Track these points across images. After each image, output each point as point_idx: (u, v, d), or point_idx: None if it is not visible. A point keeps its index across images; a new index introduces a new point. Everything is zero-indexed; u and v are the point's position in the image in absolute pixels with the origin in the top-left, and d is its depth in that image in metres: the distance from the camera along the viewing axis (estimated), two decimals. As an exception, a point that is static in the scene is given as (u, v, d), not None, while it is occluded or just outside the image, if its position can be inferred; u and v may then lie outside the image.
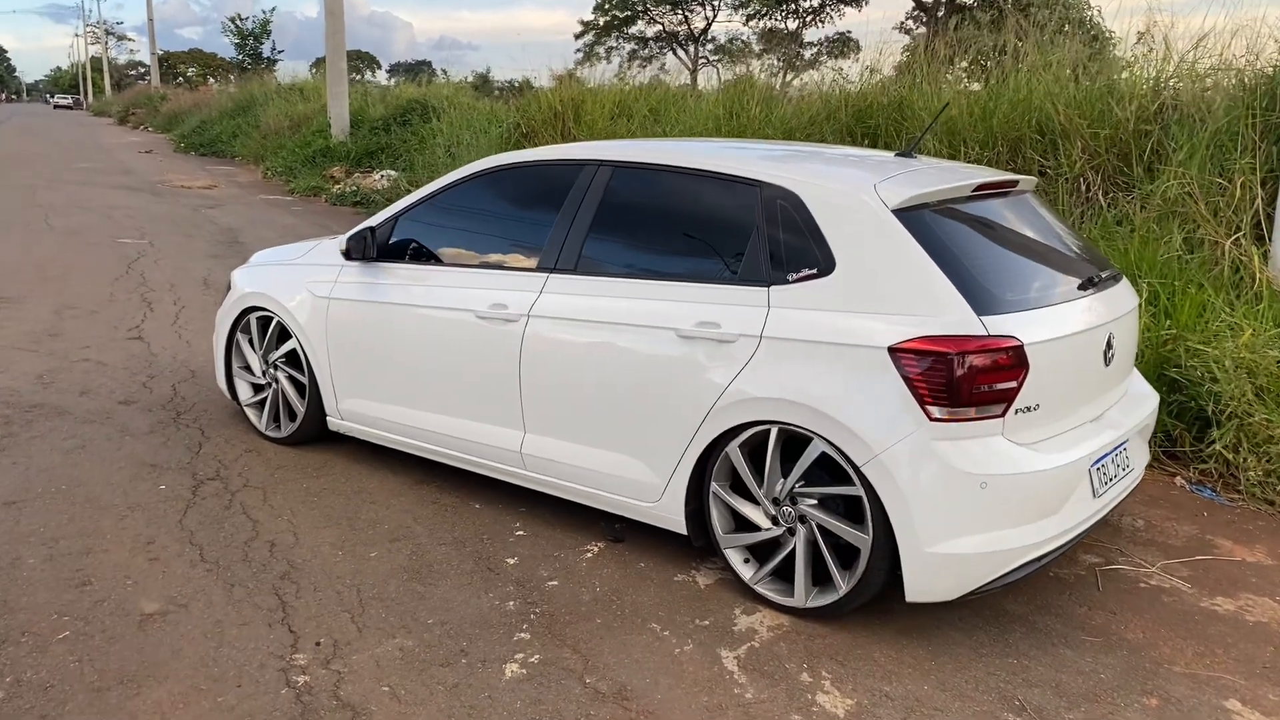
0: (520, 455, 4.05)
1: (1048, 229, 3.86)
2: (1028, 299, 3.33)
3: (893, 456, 3.12)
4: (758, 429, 3.41)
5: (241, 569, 3.70)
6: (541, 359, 3.91)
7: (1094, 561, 3.94)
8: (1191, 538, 4.20)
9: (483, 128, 14.85)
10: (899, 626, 3.40)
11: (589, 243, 3.91)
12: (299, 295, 4.79)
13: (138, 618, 3.34)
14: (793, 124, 9.61)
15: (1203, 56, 7.12)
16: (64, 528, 3.99)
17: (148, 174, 20.43)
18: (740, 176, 3.63)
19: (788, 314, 3.37)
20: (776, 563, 3.47)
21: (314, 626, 3.31)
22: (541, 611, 3.45)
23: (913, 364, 3.11)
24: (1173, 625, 3.49)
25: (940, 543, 3.11)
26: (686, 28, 51.72)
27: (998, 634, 3.39)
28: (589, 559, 3.87)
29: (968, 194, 3.61)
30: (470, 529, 4.10)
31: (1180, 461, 4.94)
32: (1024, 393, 3.16)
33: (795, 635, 3.34)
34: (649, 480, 3.70)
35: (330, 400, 4.75)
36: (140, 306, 8.06)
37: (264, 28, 51.62)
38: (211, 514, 4.16)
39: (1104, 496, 3.49)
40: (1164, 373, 4.98)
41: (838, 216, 3.38)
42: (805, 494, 3.37)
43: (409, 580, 3.65)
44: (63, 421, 5.22)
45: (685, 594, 3.60)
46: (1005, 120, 7.61)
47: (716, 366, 3.47)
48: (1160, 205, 6.18)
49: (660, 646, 3.25)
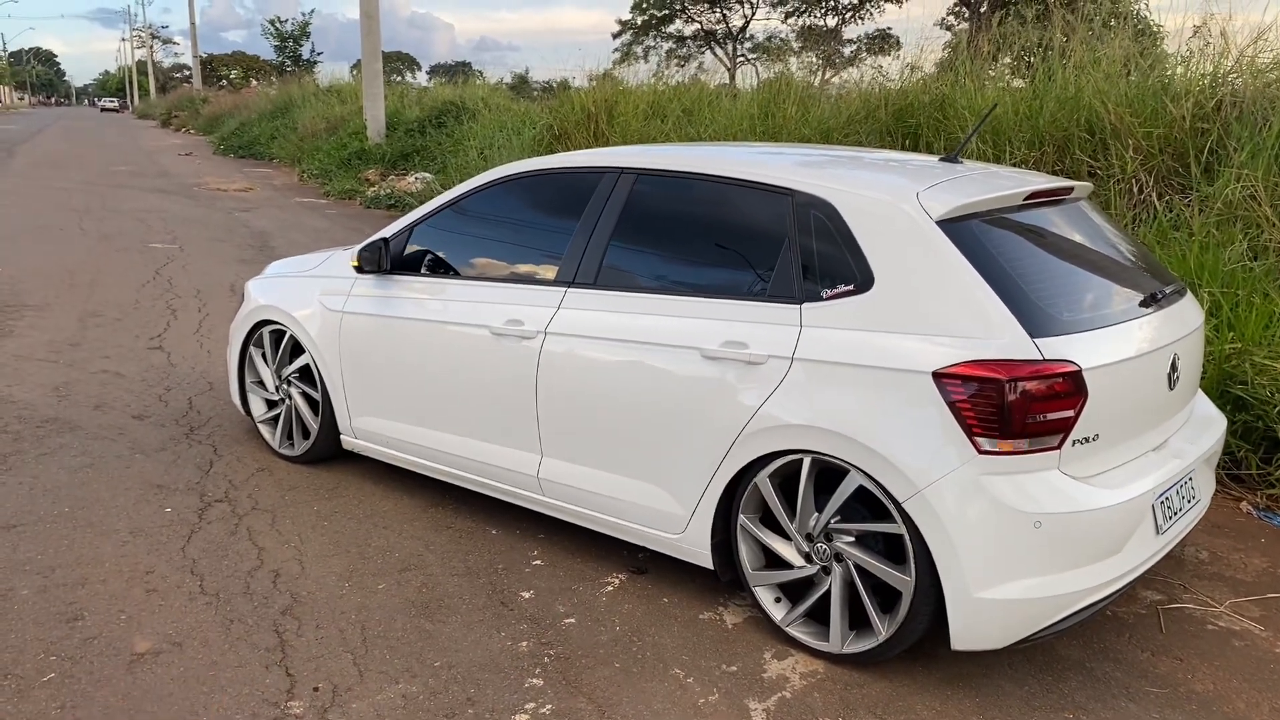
0: (537, 480, 3.82)
1: (1105, 239, 3.57)
2: (1085, 319, 3.04)
3: (937, 492, 2.85)
4: (789, 458, 3.15)
5: (242, 602, 3.50)
6: (558, 378, 3.67)
7: (1156, 599, 3.64)
8: (1262, 571, 3.89)
9: (516, 129, 14.69)
10: (943, 675, 3.12)
11: (610, 255, 3.67)
12: (312, 308, 4.59)
13: (128, 658, 3.14)
14: (830, 124, 9.32)
15: (1263, 51, 6.76)
16: (62, 555, 3.82)
17: (185, 177, 20.48)
18: (771, 184, 3.37)
19: (822, 334, 3.10)
20: (810, 603, 3.21)
21: (313, 669, 3.10)
22: (556, 654, 3.21)
23: (960, 390, 2.84)
24: (1246, 674, 3.18)
25: (990, 587, 2.83)
26: (725, 26, 51.39)
27: (1052, 683, 3.11)
28: (609, 592, 3.63)
29: (1019, 202, 3.32)
30: (485, 558, 3.88)
31: (1246, 485, 4.61)
32: (1082, 422, 2.87)
33: (830, 684, 3.07)
34: (672, 510, 3.45)
35: (344, 418, 4.55)
36: (165, 314, 7.93)
37: (303, 30, 51.93)
38: (216, 540, 3.97)
39: (1168, 533, 3.20)
40: (1228, 390, 4.65)
41: (876, 228, 3.11)
42: (841, 530, 3.10)
43: (417, 616, 3.43)
44: (74, 437, 5.07)
45: (711, 634, 3.35)
46: (1052, 119, 7.27)
47: (744, 389, 3.21)
48: (1221, 209, 5.83)
49: (683, 696, 2.99)
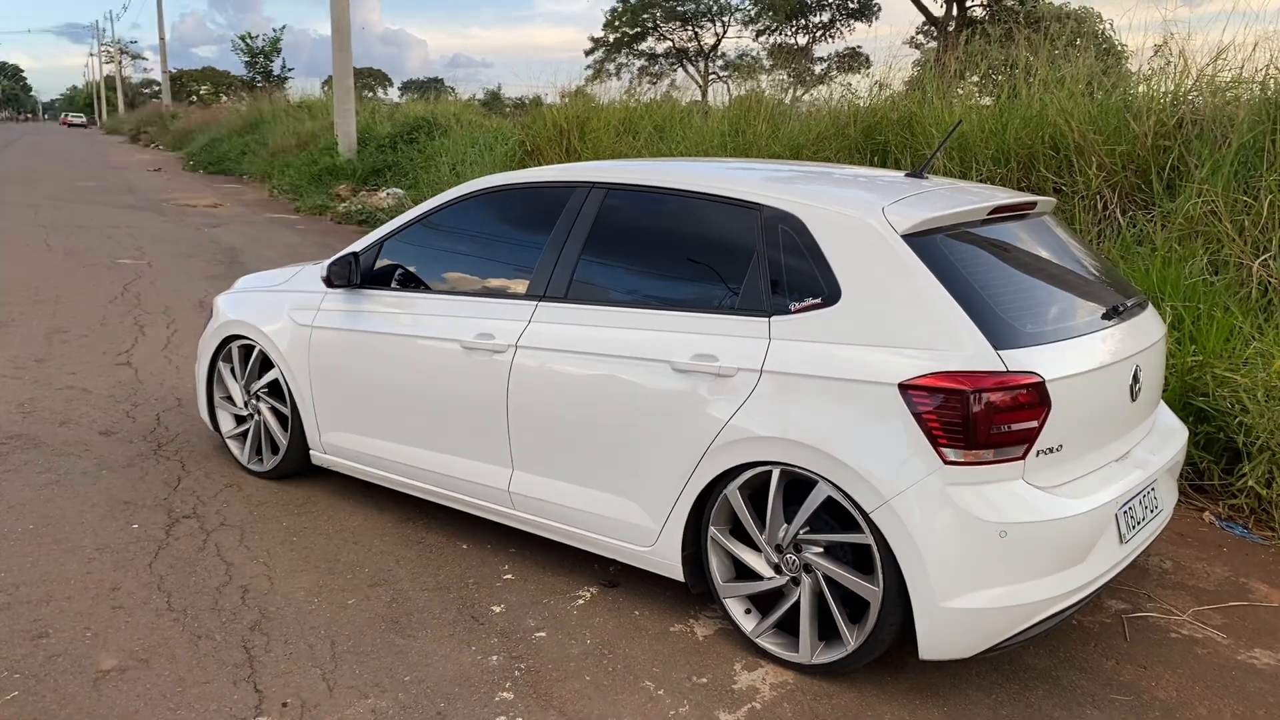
0: (508, 494, 3.82)
1: (1068, 253, 3.62)
2: (1049, 331, 3.09)
3: (904, 502, 2.88)
4: (759, 470, 3.17)
5: (210, 618, 3.47)
6: (529, 392, 3.68)
7: (1120, 608, 3.69)
8: (1224, 580, 3.94)
9: (488, 145, 14.70)
10: (912, 684, 3.15)
11: (580, 269, 3.69)
12: (280, 323, 4.58)
13: (94, 675, 3.11)
14: (800, 141, 9.40)
15: (1222, 70, 6.89)
16: (27, 572, 3.77)
17: (154, 192, 20.32)
18: (739, 199, 3.40)
19: (790, 346, 3.14)
20: (780, 614, 3.22)
21: (281, 685, 3.08)
22: (527, 667, 3.21)
23: (925, 402, 2.88)
24: (1208, 681, 3.23)
25: (956, 597, 2.86)
26: (697, 44, 51.68)
27: (1018, 692, 3.14)
28: (580, 606, 3.63)
29: (983, 217, 3.37)
30: (455, 572, 3.87)
31: (1209, 496, 4.68)
32: (1046, 433, 2.92)
33: (800, 694, 3.09)
34: (643, 523, 3.47)
35: (313, 433, 4.53)
36: (132, 330, 7.86)
37: (274, 45, 51.65)
38: (184, 556, 3.94)
39: (1131, 542, 3.24)
40: (1190, 402, 4.73)
41: (843, 242, 3.15)
42: (810, 541, 3.13)
43: (387, 631, 3.42)
44: (39, 454, 5.02)
45: (682, 646, 3.36)
46: (1017, 137, 7.38)
47: (714, 402, 3.24)
48: (1183, 224, 5.94)
49: (654, 709, 3.00)
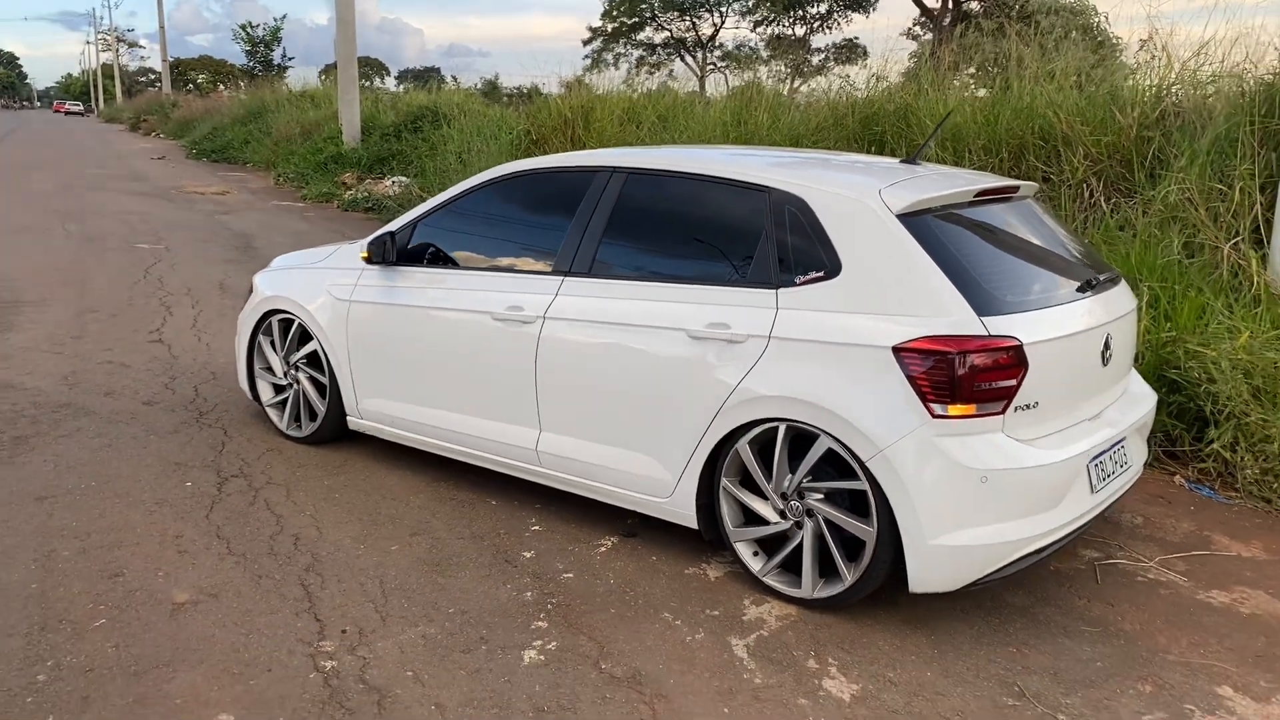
0: (536, 453, 4.18)
1: (1048, 233, 3.99)
2: (1027, 300, 3.45)
3: (896, 452, 3.24)
4: (766, 426, 3.53)
5: (268, 561, 3.83)
6: (557, 359, 4.04)
7: (1094, 556, 4.06)
8: (1189, 534, 4.32)
9: (493, 134, 15.00)
10: (903, 616, 3.52)
11: (603, 247, 4.05)
12: (320, 298, 4.93)
13: (169, 607, 3.47)
14: (800, 131, 9.74)
15: (1204, 64, 7.25)
16: (95, 522, 4.13)
17: (161, 180, 20.63)
18: (750, 182, 3.76)
19: (795, 315, 3.50)
20: (784, 555, 3.60)
21: (339, 615, 3.45)
22: (558, 602, 3.58)
23: (916, 363, 3.24)
24: (1168, 616, 3.61)
25: (942, 535, 3.23)
26: (694, 34, 51.92)
27: (998, 624, 3.51)
28: (603, 553, 3.99)
29: (969, 199, 3.74)
30: (487, 524, 4.24)
31: (1180, 461, 5.05)
32: (1023, 391, 3.28)
33: (802, 624, 3.46)
34: (661, 477, 3.83)
35: (350, 400, 4.89)
36: (159, 310, 8.21)
37: (274, 35, 51.93)
38: (237, 510, 4.30)
39: (1101, 492, 3.61)
40: (1164, 374, 5.10)
41: (844, 221, 3.51)
42: (812, 489, 3.49)
43: (429, 572, 3.78)
44: (90, 421, 5.37)
45: (696, 586, 3.73)
46: (1009, 128, 7.73)
47: (726, 366, 3.60)
48: (1161, 210, 6.29)
49: (672, 634, 3.37)
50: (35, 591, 3.54)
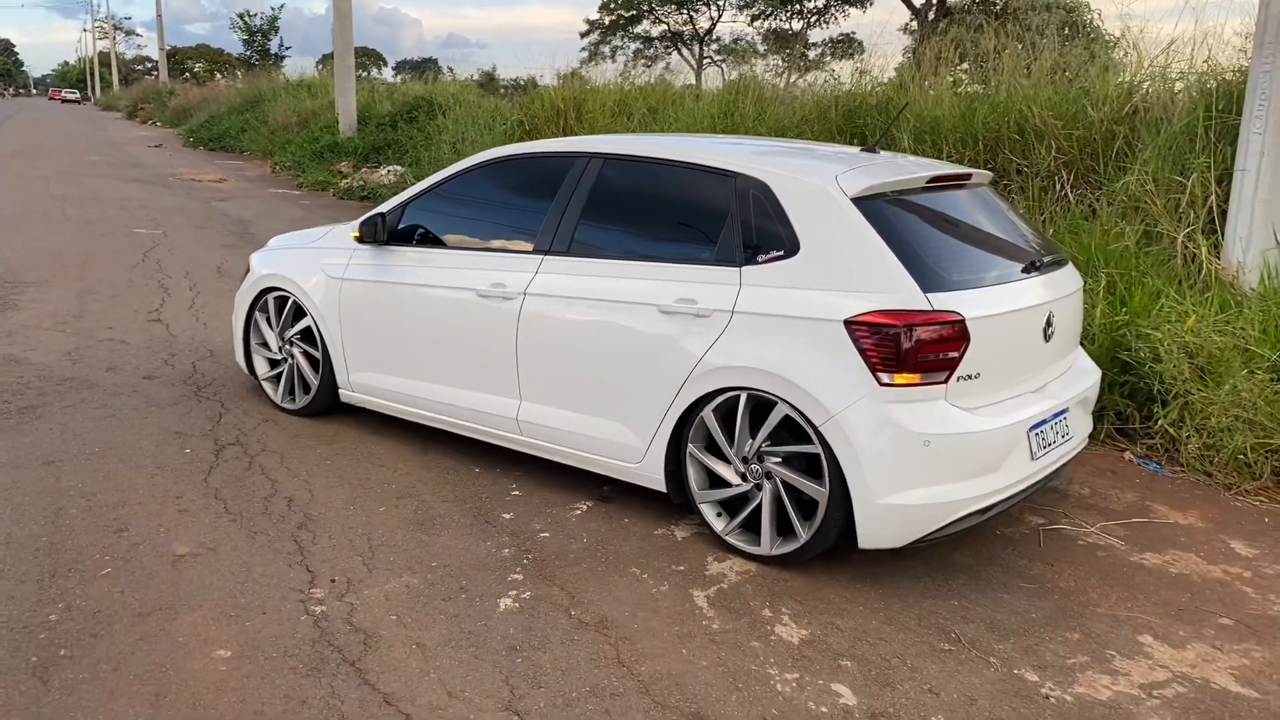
0: (516, 422, 4.44)
1: (1000, 219, 4.24)
2: (971, 279, 3.71)
3: (847, 418, 3.50)
4: (729, 395, 3.79)
5: (263, 520, 4.09)
6: (536, 333, 4.29)
7: (1039, 522, 4.33)
8: (1131, 504, 4.58)
9: (488, 124, 15.25)
10: (854, 573, 3.78)
11: (580, 228, 4.30)
12: (314, 276, 5.18)
13: (171, 558, 3.73)
14: (785, 123, 10.00)
15: (1173, 61, 7.51)
16: (100, 484, 4.38)
17: (158, 167, 20.85)
18: (717, 168, 4.01)
19: (757, 291, 3.75)
20: (745, 515, 3.85)
21: (329, 567, 3.70)
22: (534, 558, 3.84)
23: (866, 335, 3.50)
24: (1102, 575, 3.87)
25: (889, 495, 3.49)
26: (691, 28, 52.13)
27: (943, 580, 3.77)
28: (578, 515, 4.25)
29: (922, 185, 3.99)
30: (470, 489, 4.49)
31: (1130, 438, 5.32)
32: (965, 362, 3.54)
33: (760, 579, 3.72)
34: (632, 443, 4.09)
35: (342, 374, 5.14)
36: (158, 292, 8.45)
37: (272, 24, 52.09)
38: (234, 474, 4.56)
39: (1042, 460, 3.87)
40: (1117, 355, 5.37)
41: (803, 204, 3.77)
42: (771, 453, 3.75)
43: (414, 531, 4.04)
44: (92, 393, 5.62)
45: (664, 544, 3.99)
46: (985, 122, 7.99)
47: (693, 339, 3.85)
48: (1124, 201, 6.56)
49: (639, 586, 3.63)
50: (46, 544, 3.80)
